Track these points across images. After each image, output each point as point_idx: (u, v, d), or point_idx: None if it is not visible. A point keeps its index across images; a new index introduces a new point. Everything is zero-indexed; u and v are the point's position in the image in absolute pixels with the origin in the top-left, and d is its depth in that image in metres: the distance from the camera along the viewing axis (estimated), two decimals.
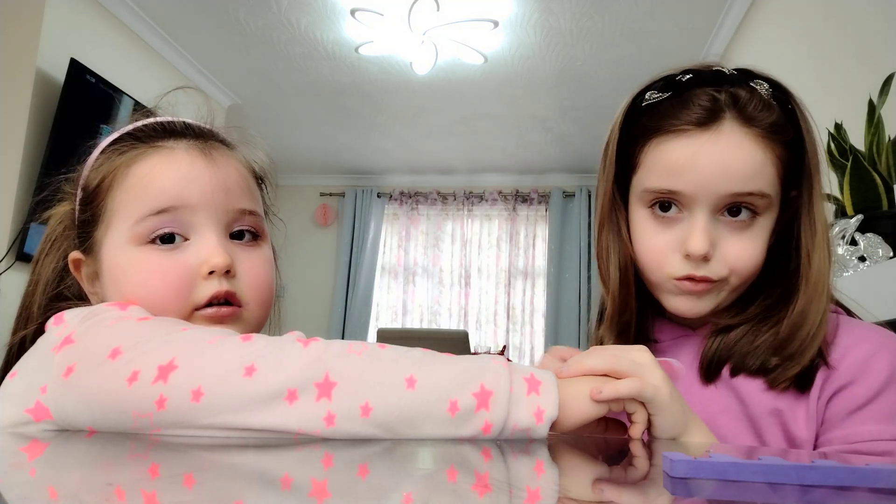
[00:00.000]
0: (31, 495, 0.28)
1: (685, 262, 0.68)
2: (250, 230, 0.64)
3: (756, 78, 0.70)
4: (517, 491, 0.32)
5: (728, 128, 0.66)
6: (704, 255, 0.66)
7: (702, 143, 0.66)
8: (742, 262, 0.68)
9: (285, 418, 0.45)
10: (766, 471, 0.35)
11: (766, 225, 0.69)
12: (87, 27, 2.98)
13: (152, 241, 0.59)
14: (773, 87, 0.70)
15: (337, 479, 0.36)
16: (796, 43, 2.38)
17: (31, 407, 0.49)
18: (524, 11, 3.11)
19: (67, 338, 0.51)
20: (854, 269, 1.32)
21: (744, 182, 0.66)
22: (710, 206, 0.67)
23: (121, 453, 0.42)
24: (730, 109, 0.66)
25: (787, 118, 0.68)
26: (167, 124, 0.65)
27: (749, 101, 0.67)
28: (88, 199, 0.63)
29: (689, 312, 0.70)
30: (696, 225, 0.67)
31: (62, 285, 0.64)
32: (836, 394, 0.64)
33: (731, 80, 0.69)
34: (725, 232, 0.68)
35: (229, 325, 0.60)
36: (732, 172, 0.65)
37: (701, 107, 0.67)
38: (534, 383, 0.49)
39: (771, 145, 0.67)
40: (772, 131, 0.66)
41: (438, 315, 5.48)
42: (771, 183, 0.67)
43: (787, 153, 0.68)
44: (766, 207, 0.68)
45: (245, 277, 0.62)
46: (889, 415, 0.62)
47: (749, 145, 0.66)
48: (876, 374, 0.63)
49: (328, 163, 5.50)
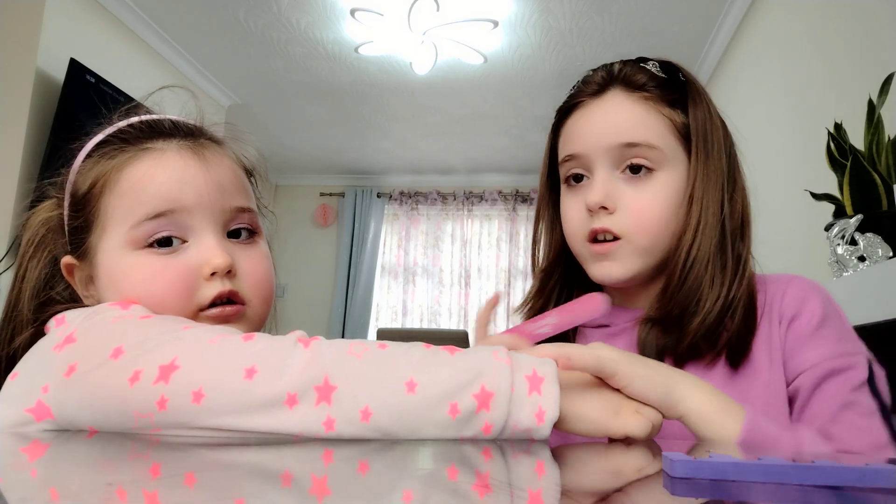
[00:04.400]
0: (32, 496, 0.28)
1: (590, 218, 0.72)
2: (247, 227, 0.64)
3: (650, 61, 0.77)
4: (518, 491, 0.32)
5: (613, 93, 0.74)
6: (601, 204, 0.71)
7: (592, 108, 0.74)
8: (639, 215, 0.71)
9: (285, 422, 0.45)
10: (766, 471, 0.35)
11: (664, 181, 0.72)
12: (86, 27, 2.98)
13: (150, 245, 0.59)
14: (663, 65, 0.76)
15: (337, 477, 0.36)
16: (796, 43, 2.38)
17: (33, 406, 0.48)
18: (524, 11, 3.12)
19: (69, 336, 0.50)
20: (854, 269, 1.32)
21: (625, 132, 0.71)
22: (606, 162, 0.72)
23: (121, 453, 0.42)
24: (616, 79, 0.74)
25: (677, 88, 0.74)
26: (154, 123, 0.64)
27: (634, 72, 0.74)
28: (79, 205, 0.62)
29: (606, 278, 0.73)
30: (594, 179, 0.73)
31: (52, 290, 0.63)
32: (790, 324, 0.70)
33: (626, 62, 0.76)
34: (626, 188, 0.72)
35: (234, 324, 0.60)
36: (614, 125, 0.72)
37: (593, 81, 0.76)
38: (535, 381, 0.49)
39: (655, 106, 0.72)
40: (656, 94, 0.73)
41: (438, 315, 5.48)
42: (659, 136, 0.72)
43: (682, 118, 0.73)
44: (660, 161, 0.72)
45: (246, 276, 0.62)
46: (838, 337, 0.68)
47: (631, 104, 0.73)
48: (812, 310, 0.69)
49: (328, 163, 5.50)
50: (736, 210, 0.73)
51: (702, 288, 0.69)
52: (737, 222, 0.72)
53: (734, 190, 0.73)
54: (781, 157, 2.34)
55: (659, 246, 0.72)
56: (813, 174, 1.88)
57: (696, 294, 0.69)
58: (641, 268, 0.72)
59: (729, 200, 0.72)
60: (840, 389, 0.65)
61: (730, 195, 0.72)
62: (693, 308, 0.68)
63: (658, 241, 0.72)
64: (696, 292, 0.69)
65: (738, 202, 0.73)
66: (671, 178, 0.72)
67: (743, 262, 0.71)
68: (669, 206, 0.71)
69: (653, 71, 0.75)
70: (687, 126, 0.73)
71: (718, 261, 0.70)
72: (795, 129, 2.29)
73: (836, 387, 0.65)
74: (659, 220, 0.71)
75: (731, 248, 0.71)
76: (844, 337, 0.69)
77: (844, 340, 0.68)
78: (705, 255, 0.69)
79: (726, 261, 0.70)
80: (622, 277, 0.72)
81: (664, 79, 0.74)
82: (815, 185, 1.61)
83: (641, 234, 0.71)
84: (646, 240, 0.71)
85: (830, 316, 0.70)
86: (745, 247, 0.73)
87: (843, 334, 0.69)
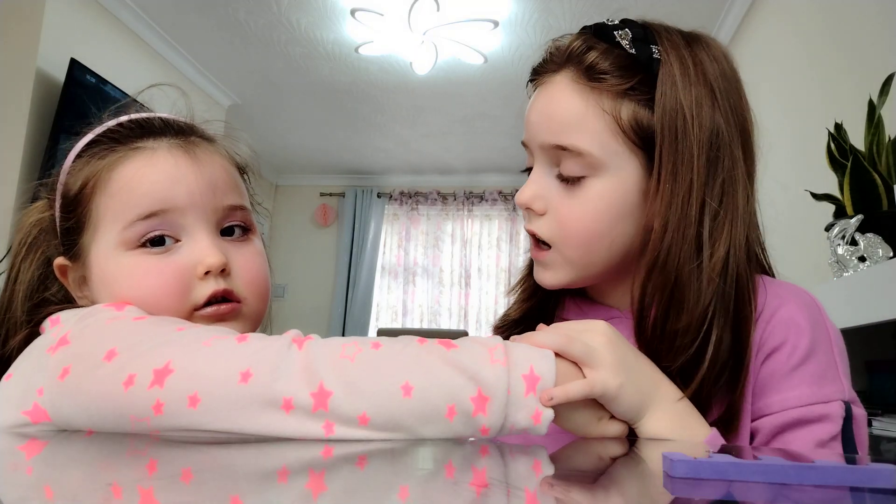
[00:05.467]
0: (29, 495, 0.28)
1: (526, 216, 0.67)
2: (240, 225, 0.64)
3: (629, 27, 0.63)
4: (515, 490, 0.32)
5: (562, 76, 0.63)
6: (527, 205, 0.65)
7: (540, 92, 0.65)
8: (565, 225, 0.63)
9: (283, 426, 0.44)
10: (766, 471, 0.34)
11: (599, 189, 0.61)
12: (87, 27, 2.98)
13: (142, 245, 0.58)
14: (642, 34, 0.62)
15: (335, 474, 0.36)
16: (796, 43, 2.38)
17: (29, 409, 0.48)
18: (524, 11, 3.12)
19: (63, 338, 0.50)
20: (854, 269, 1.32)
21: (557, 132, 0.62)
22: (543, 158, 0.64)
23: (119, 451, 0.42)
24: (568, 58, 0.63)
25: (644, 73, 0.61)
26: (144, 122, 0.64)
27: (588, 51, 0.62)
28: (71, 206, 0.61)
29: (540, 281, 0.67)
30: (531, 176, 0.65)
31: (47, 291, 0.63)
32: (767, 357, 0.61)
33: (600, 31, 0.64)
34: (560, 191, 0.63)
35: (230, 322, 0.60)
36: (548, 121, 0.63)
37: (551, 59, 0.65)
38: (532, 381, 0.48)
39: (598, 100, 0.60)
40: (607, 84, 0.60)
41: (438, 315, 5.48)
42: (592, 140, 0.60)
43: (634, 112, 0.60)
44: (593, 167, 0.61)
45: (240, 274, 0.61)
46: (818, 378, 0.60)
47: (569, 96, 0.62)
48: (795, 343, 0.60)
49: (328, 163, 5.50)
50: (720, 223, 0.60)
51: (680, 272, 0.59)
52: (718, 237, 0.60)
53: (718, 194, 0.60)
54: (782, 158, 2.34)
55: (595, 258, 0.63)
56: (813, 174, 1.88)
57: (674, 335, 0.59)
58: (575, 278, 0.65)
59: (707, 210, 0.59)
60: (802, 443, 0.58)
61: (709, 203, 0.59)
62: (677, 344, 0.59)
63: (591, 252, 0.63)
64: (675, 334, 0.59)
65: (726, 217, 0.60)
66: (608, 186, 0.61)
67: (733, 299, 0.60)
68: (603, 216, 0.62)
69: (620, 45, 0.61)
70: (638, 122, 0.60)
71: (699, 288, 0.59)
72: (795, 129, 2.29)
73: (798, 440, 0.58)
74: (588, 231, 0.62)
75: (724, 280, 0.59)
76: (825, 378, 0.60)
77: (823, 383, 0.59)
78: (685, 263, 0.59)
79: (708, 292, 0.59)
80: (553, 285, 0.66)
81: (627, 58, 0.61)
82: (815, 185, 1.61)
83: (569, 246, 0.63)
84: (575, 252, 0.63)
85: (815, 351, 0.60)
86: (744, 272, 0.61)
87: (825, 374, 0.60)
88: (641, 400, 0.54)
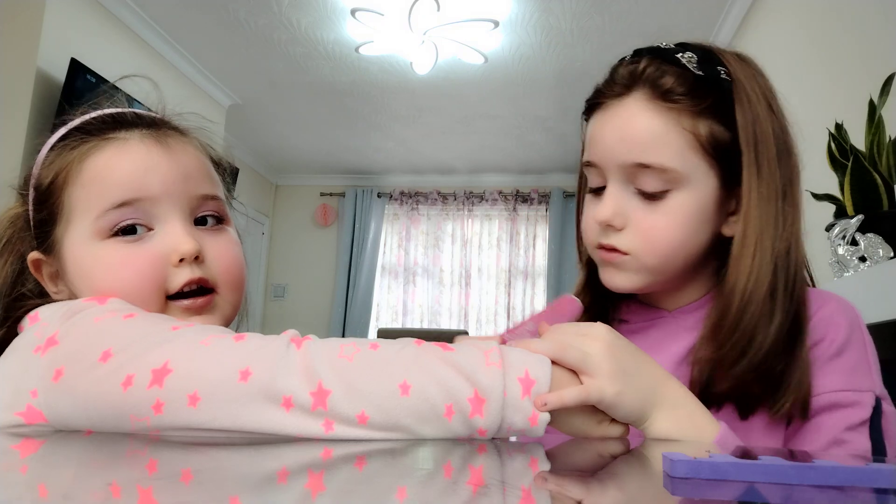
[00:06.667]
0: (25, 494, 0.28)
1: (600, 232, 0.69)
2: (213, 215, 0.64)
3: (689, 50, 0.68)
4: (512, 489, 0.32)
5: (634, 97, 0.66)
6: (608, 222, 0.67)
7: (611, 113, 0.68)
8: (649, 237, 0.66)
9: (283, 424, 0.45)
10: (766, 471, 0.34)
11: (681, 201, 0.66)
12: (87, 27, 2.98)
13: (115, 234, 0.58)
14: (703, 56, 0.67)
15: (334, 474, 0.35)
16: (797, 43, 2.38)
17: (23, 410, 0.48)
18: (524, 11, 3.12)
19: (51, 339, 0.49)
20: (854, 269, 1.32)
21: (638, 151, 0.65)
22: (619, 176, 0.67)
23: (119, 451, 0.42)
24: (639, 81, 0.67)
25: (716, 93, 0.66)
26: (117, 115, 0.64)
27: (661, 74, 0.66)
28: (42, 198, 0.61)
29: (611, 284, 0.70)
30: (606, 193, 0.68)
31: (23, 287, 0.63)
32: (810, 349, 0.65)
33: (660, 54, 0.68)
34: (639, 205, 0.67)
35: (206, 314, 0.60)
36: (628, 141, 0.66)
37: (616, 81, 0.68)
38: (528, 384, 0.48)
39: (678, 118, 0.65)
40: (682, 104, 0.65)
41: (438, 315, 5.48)
42: (675, 156, 0.65)
43: (711, 129, 0.65)
44: (675, 181, 0.65)
45: (215, 262, 0.61)
46: (852, 369, 0.65)
47: (649, 117, 0.65)
48: (833, 336, 0.66)
49: (328, 163, 5.51)
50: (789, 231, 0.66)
51: (757, 326, 0.63)
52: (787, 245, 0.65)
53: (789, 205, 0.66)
54: None
55: (670, 265, 0.68)
56: (813, 174, 1.87)
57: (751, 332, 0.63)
58: (648, 282, 0.69)
59: (783, 219, 0.65)
60: (835, 425, 0.62)
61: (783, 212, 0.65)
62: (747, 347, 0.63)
63: (669, 261, 0.67)
64: (752, 331, 0.63)
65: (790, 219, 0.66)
66: (690, 198, 0.66)
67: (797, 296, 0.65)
68: (685, 227, 0.66)
69: (687, 67, 0.66)
70: (714, 138, 0.65)
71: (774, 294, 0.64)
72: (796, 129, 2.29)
73: (831, 421, 0.63)
74: (671, 242, 0.66)
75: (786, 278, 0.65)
76: (859, 370, 0.65)
77: (857, 374, 0.65)
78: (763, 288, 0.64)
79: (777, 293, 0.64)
80: (625, 288, 0.70)
81: (697, 80, 0.66)
82: (815, 185, 1.61)
83: (650, 255, 0.67)
84: (654, 260, 0.67)
85: (851, 344, 0.66)
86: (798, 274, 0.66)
87: (858, 367, 0.65)
88: (643, 404, 0.54)
